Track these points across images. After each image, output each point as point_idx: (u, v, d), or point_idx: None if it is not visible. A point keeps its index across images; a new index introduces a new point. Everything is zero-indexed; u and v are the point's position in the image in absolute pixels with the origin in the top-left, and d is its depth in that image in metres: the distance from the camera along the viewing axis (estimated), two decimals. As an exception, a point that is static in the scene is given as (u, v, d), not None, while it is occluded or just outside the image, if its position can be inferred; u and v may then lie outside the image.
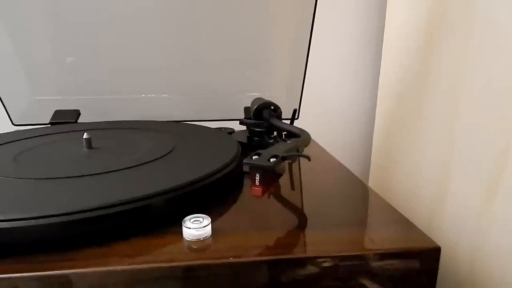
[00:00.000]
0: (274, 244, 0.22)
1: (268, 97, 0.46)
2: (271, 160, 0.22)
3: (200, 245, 0.22)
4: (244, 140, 0.41)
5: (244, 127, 0.46)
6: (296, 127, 0.32)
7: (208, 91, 0.56)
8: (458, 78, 0.38)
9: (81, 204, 0.21)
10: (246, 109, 0.53)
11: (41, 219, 0.20)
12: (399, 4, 0.53)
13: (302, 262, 0.21)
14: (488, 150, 0.33)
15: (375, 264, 0.21)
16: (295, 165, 0.36)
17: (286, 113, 0.50)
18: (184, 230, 0.22)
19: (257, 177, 0.22)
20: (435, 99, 0.42)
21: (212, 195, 0.27)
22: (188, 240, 0.22)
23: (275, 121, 0.36)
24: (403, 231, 0.23)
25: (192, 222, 0.22)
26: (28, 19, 0.49)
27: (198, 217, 0.22)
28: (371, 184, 0.63)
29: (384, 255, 0.21)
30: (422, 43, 0.46)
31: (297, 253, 0.21)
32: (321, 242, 0.22)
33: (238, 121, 0.46)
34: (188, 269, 0.20)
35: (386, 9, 0.57)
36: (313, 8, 0.44)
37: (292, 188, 0.30)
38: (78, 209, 0.21)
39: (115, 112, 0.54)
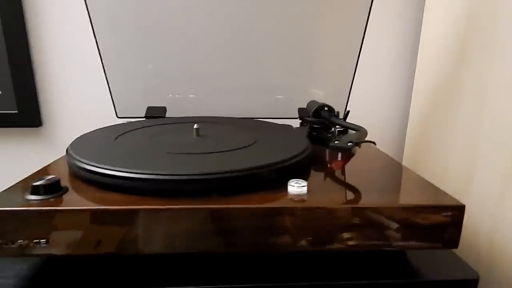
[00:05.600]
0: (346, 201, 0.33)
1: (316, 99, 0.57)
2: (349, 144, 0.33)
3: (299, 199, 0.33)
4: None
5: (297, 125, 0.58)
6: (355, 124, 0.43)
7: (265, 92, 0.68)
8: (484, 86, 0.48)
9: (230, 167, 0.33)
10: (300, 109, 0.64)
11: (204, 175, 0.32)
12: (436, 10, 0.62)
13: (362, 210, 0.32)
14: (507, 148, 0.43)
15: (412, 215, 0.32)
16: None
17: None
18: (289, 188, 0.33)
19: (339, 155, 0.33)
20: (465, 102, 0.52)
21: (305, 168, 0.38)
22: (291, 194, 0.33)
23: (336, 120, 0.47)
24: (436, 194, 0.34)
25: (295, 184, 0.33)
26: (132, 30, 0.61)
27: (299, 180, 0.34)
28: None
29: (422, 208, 0.32)
30: (456, 51, 0.55)
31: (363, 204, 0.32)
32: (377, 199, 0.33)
33: (289, 119, 0.58)
34: (290, 210, 0.31)
35: (423, 13, 0.65)
36: (367, 15, 0.54)
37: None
38: (229, 169, 0.33)
39: (189, 108, 0.67)
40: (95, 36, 0.55)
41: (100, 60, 0.57)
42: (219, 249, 0.31)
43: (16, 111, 0.68)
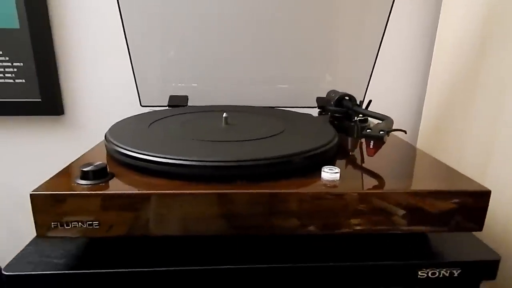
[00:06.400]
0: (373, 186, 0.35)
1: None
2: (381, 133, 0.35)
3: (332, 184, 0.35)
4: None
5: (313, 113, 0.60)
6: (379, 113, 0.45)
7: (282, 82, 0.69)
8: (502, 84, 0.49)
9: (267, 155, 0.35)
10: (319, 99, 0.66)
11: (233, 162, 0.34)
12: (454, 6, 0.62)
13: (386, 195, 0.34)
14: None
15: (439, 200, 0.34)
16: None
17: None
18: (323, 174, 0.35)
19: (371, 143, 0.34)
20: (481, 99, 0.53)
21: (334, 155, 0.40)
22: (324, 180, 0.35)
23: (360, 109, 0.48)
24: (465, 181, 0.36)
25: (328, 170, 0.35)
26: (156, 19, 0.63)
27: (332, 167, 0.36)
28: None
29: (449, 193, 0.34)
30: (474, 48, 0.56)
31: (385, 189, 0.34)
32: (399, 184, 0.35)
33: (308, 108, 0.59)
34: (320, 195, 0.33)
35: (440, 9, 0.66)
36: (390, 8, 0.55)
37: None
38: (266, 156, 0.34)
39: (208, 98, 0.68)
40: (124, 31, 0.56)
41: (127, 49, 0.58)
42: (261, 232, 0.33)
43: (39, 100, 0.70)
